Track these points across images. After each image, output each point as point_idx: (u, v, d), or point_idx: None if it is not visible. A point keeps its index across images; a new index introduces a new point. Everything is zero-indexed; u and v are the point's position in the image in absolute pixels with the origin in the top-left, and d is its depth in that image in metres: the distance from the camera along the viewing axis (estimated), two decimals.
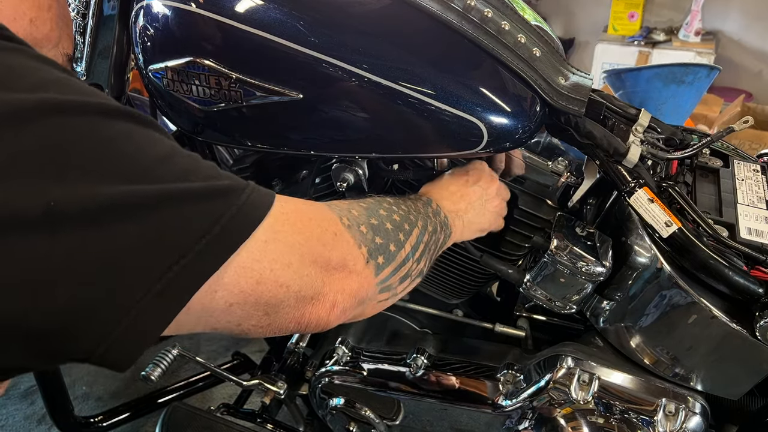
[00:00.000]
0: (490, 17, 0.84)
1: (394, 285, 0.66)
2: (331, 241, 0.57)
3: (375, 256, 0.61)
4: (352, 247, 0.59)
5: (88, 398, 1.76)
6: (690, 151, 0.97)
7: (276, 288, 0.50)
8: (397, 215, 0.68)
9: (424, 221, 0.73)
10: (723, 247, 0.86)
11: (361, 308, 0.61)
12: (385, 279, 0.63)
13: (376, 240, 0.62)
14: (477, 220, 0.90)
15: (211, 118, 0.87)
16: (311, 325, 0.55)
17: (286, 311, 0.52)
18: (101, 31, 1.05)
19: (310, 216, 0.57)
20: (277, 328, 0.53)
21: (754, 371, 0.89)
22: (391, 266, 0.64)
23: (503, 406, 1.06)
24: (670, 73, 2.42)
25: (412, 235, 0.69)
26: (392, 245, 0.64)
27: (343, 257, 0.57)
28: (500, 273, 1.02)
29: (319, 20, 0.80)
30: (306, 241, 0.54)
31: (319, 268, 0.54)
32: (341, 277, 0.56)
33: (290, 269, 0.51)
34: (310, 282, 0.53)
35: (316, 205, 0.60)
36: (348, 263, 0.57)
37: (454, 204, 0.86)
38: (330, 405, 1.19)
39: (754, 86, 3.49)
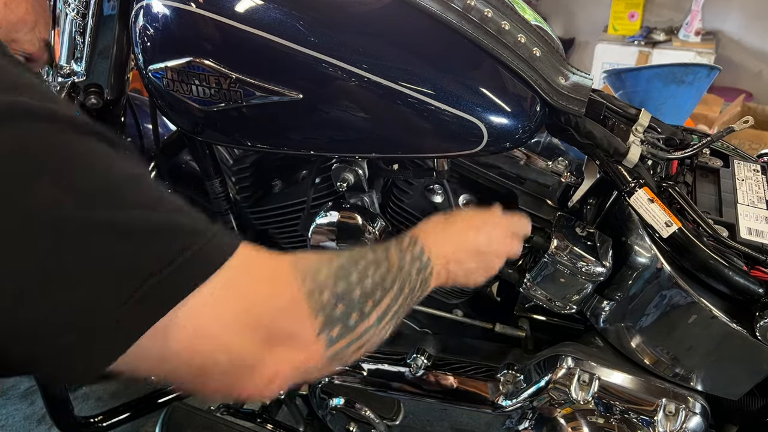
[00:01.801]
0: (490, 17, 0.84)
1: (346, 356, 0.59)
2: (284, 308, 0.52)
3: (330, 327, 0.55)
4: (306, 317, 0.53)
5: (88, 398, 1.76)
6: (690, 151, 0.97)
7: (212, 349, 0.46)
8: (371, 279, 0.61)
9: (402, 283, 0.65)
10: (723, 247, 0.86)
11: (304, 378, 0.56)
12: (337, 351, 0.57)
13: (336, 309, 0.55)
14: (463, 276, 0.80)
15: (211, 118, 0.87)
16: (244, 395, 0.50)
17: (219, 377, 0.48)
18: (101, 30, 1.05)
19: (269, 275, 0.53)
20: (209, 390, 0.49)
21: (754, 371, 0.89)
22: (346, 339, 0.57)
23: (503, 406, 1.06)
24: (670, 73, 2.42)
25: (383, 302, 0.62)
26: (354, 315, 0.58)
27: (293, 329, 0.52)
28: (500, 273, 1.02)
29: (319, 20, 0.80)
30: (256, 305, 0.49)
31: (264, 337, 0.49)
32: (286, 350, 0.51)
33: (232, 332, 0.47)
34: (251, 350, 0.49)
35: (279, 262, 0.55)
36: (297, 335, 0.52)
37: (450, 253, 0.76)
38: (330, 405, 1.19)
39: (754, 86, 3.49)
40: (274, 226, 1.18)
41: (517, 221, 0.87)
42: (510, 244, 0.84)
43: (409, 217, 1.07)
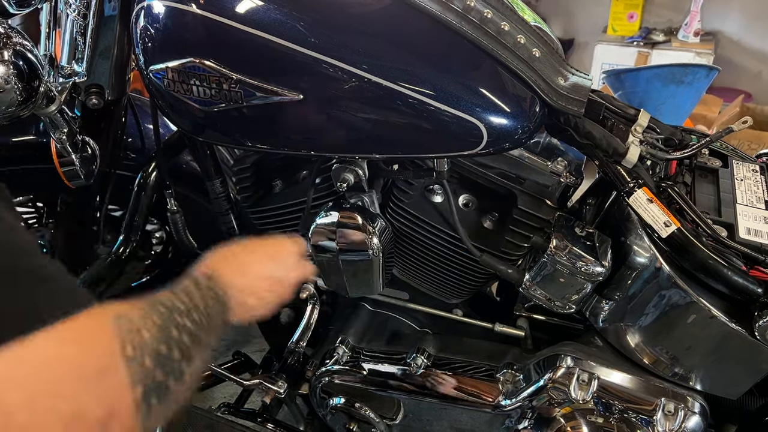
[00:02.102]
0: (489, 18, 0.84)
1: (160, 419, 0.54)
2: (101, 380, 0.47)
3: (149, 398, 0.50)
4: (125, 389, 0.48)
5: None
6: (689, 152, 0.97)
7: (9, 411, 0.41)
8: (188, 335, 0.57)
9: (210, 336, 0.62)
10: (722, 247, 0.86)
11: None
12: (153, 420, 0.52)
13: (156, 376, 0.51)
14: (260, 307, 0.76)
15: (211, 119, 0.87)
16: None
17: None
18: (102, 31, 1.05)
19: (89, 337, 0.48)
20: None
21: (753, 371, 0.89)
22: (162, 407, 0.53)
23: (503, 405, 1.06)
24: (669, 73, 2.42)
25: (196, 362, 0.58)
26: (172, 382, 0.54)
27: (110, 407, 0.47)
28: (500, 273, 1.03)
29: (319, 21, 0.80)
30: (71, 380, 0.45)
31: (71, 415, 0.44)
32: (98, 429, 0.46)
33: (37, 410, 0.42)
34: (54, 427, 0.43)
35: (99, 322, 0.50)
36: (114, 412, 0.47)
37: (247, 285, 0.73)
38: (330, 404, 1.19)
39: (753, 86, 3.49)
40: (275, 226, 1.19)
41: (302, 243, 0.83)
42: (303, 269, 0.81)
43: (409, 217, 1.07)
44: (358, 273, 1.05)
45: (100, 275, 1.17)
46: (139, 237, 1.22)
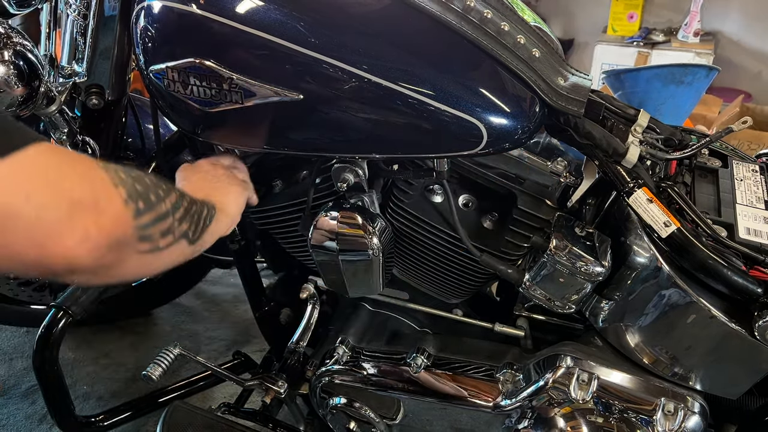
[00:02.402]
0: (489, 18, 0.84)
1: (155, 237, 0.63)
2: (85, 177, 0.55)
3: (135, 198, 0.59)
4: (108, 185, 0.57)
5: (89, 398, 1.77)
6: (689, 152, 0.97)
7: (14, 210, 0.48)
8: (152, 178, 0.66)
9: (178, 191, 0.72)
10: (722, 247, 0.86)
11: (118, 254, 0.58)
12: (145, 225, 0.61)
13: (135, 186, 0.60)
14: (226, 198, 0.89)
15: (211, 119, 0.87)
16: (57, 255, 0.52)
17: (24, 234, 0.49)
18: (102, 31, 1.05)
19: (68, 157, 0.56)
20: (15, 252, 0.50)
21: (753, 371, 0.90)
22: (151, 213, 0.62)
23: (503, 405, 1.06)
24: (669, 73, 2.42)
25: (171, 196, 0.68)
26: (152, 195, 0.63)
27: (95, 193, 0.55)
28: (500, 273, 1.03)
29: (319, 21, 0.80)
30: (57, 176, 0.52)
31: (68, 202, 0.52)
32: (92, 213, 0.54)
33: (32, 202, 0.49)
34: (54, 213, 0.51)
35: (78, 154, 0.60)
36: (100, 200, 0.55)
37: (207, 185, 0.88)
38: (330, 404, 1.19)
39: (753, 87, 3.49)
40: (275, 226, 1.19)
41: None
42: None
43: (409, 217, 1.07)
44: (358, 273, 1.06)
45: None
46: None
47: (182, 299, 2.12)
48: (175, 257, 0.70)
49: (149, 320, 2.07)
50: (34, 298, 1.78)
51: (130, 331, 2.02)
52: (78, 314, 1.13)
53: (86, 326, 1.98)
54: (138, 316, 2.07)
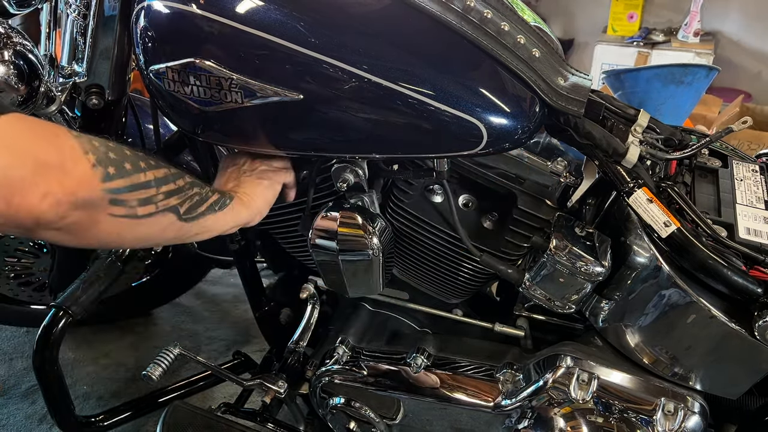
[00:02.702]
0: (489, 18, 0.84)
1: (130, 203, 0.66)
2: (51, 140, 0.59)
3: (105, 164, 0.62)
4: (77, 150, 0.60)
5: (89, 398, 1.77)
6: (689, 152, 0.97)
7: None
8: (138, 153, 0.70)
9: (174, 170, 0.74)
10: (722, 247, 0.86)
11: (87, 213, 0.62)
12: (116, 190, 0.64)
13: (109, 154, 0.63)
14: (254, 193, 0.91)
15: (211, 119, 0.87)
16: (21, 210, 0.56)
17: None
18: (102, 31, 1.05)
19: (38, 124, 0.59)
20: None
21: (753, 371, 0.90)
22: (124, 180, 0.65)
23: (503, 405, 1.06)
24: (669, 73, 2.42)
25: (159, 170, 0.70)
26: (128, 164, 0.66)
27: (62, 157, 0.58)
28: (500, 273, 1.03)
29: (320, 21, 0.80)
30: (23, 140, 0.56)
31: (33, 163, 0.56)
32: (58, 173, 0.58)
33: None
34: (19, 172, 0.55)
35: (51, 124, 0.62)
36: (66, 162, 0.59)
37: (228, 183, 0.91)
38: (330, 404, 1.19)
39: (753, 87, 3.49)
40: (275, 226, 1.19)
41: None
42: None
43: (409, 217, 1.07)
44: (358, 273, 1.06)
45: (100, 275, 1.17)
46: None
47: (182, 299, 2.12)
48: (161, 229, 0.73)
49: (149, 320, 2.08)
50: (34, 298, 1.78)
51: (130, 331, 2.02)
52: (78, 314, 1.13)
53: (86, 326, 1.98)
54: (138, 316, 2.07)
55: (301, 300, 1.27)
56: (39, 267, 1.71)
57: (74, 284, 1.15)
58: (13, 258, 1.69)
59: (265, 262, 1.49)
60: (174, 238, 0.77)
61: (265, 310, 1.42)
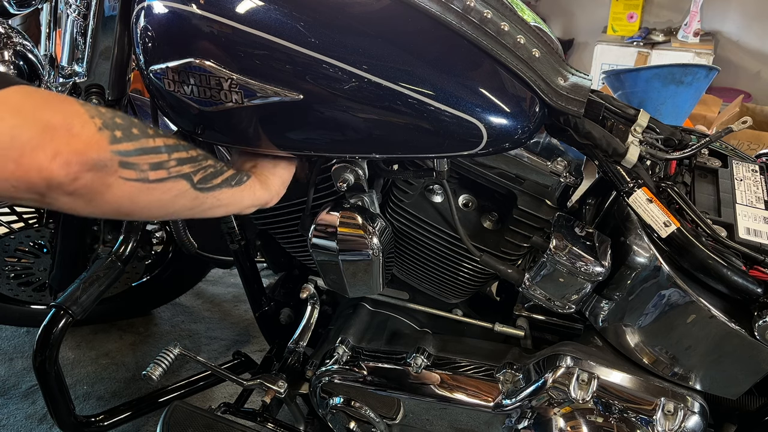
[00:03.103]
0: (489, 18, 0.85)
1: (141, 167, 0.67)
2: (57, 105, 0.60)
3: (111, 128, 0.64)
4: (83, 115, 0.62)
5: (89, 397, 1.77)
6: (689, 152, 0.97)
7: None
8: (146, 123, 0.71)
9: (185, 142, 0.76)
10: (722, 247, 0.86)
11: (98, 176, 0.63)
12: (125, 152, 0.65)
13: (115, 119, 0.65)
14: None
15: (211, 119, 0.87)
16: (32, 169, 0.57)
17: (2, 148, 0.55)
18: (102, 31, 1.05)
19: (45, 93, 0.61)
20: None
21: (752, 371, 0.90)
22: (133, 143, 0.66)
23: (503, 405, 1.06)
24: (669, 73, 2.42)
25: (170, 138, 0.72)
26: (135, 129, 0.67)
27: (68, 120, 0.60)
28: (500, 273, 1.03)
29: (319, 21, 0.80)
30: (31, 105, 0.58)
31: (41, 126, 0.58)
32: (65, 135, 0.59)
33: (7, 123, 0.55)
34: (28, 134, 0.57)
35: (53, 92, 0.64)
36: (74, 126, 0.60)
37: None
38: (330, 404, 1.19)
39: (752, 87, 3.49)
40: (275, 226, 1.19)
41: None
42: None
43: (409, 217, 1.07)
44: (358, 273, 1.06)
45: (100, 275, 1.17)
46: (139, 237, 1.22)
47: (182, 299, 2.12)
48: (174, 196, 0.73)
49: (149, 320, 2.08)
50: (34, 298, 1.78)
51: (130, 331, 2.02)
52: (78, 314, 1.14)
53: (86, 326, 1.98)
54: (138, 316, 2.07)
55: (301, 300, 1.27)
56: (39, 267, 1.71)
57: (74, 284, 1.15)
58: (13, 258, 1.69)
59: (265, 262, 1.49)
60: (190, 209, 0.77)
61: (265, 310, 1.42)
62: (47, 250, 1.69)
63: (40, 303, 1.80)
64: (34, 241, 1.67)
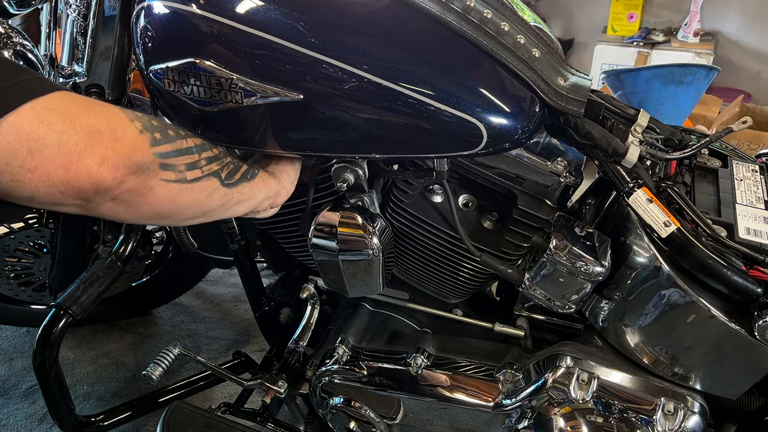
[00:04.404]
0: (489, 18, 0.85)
1: (179, 167, 0.70)
2: (100, 109, 0.62)
3: (150, 131, 0.66)
4: (123, 119, 0.64)
5: (90, 397, 1.77)
6: (689, 152, 0.97)
7: (38, 125, 0.56)
8: (176, 125, 0.75)
9: (207, 141, 0.79)
10: (722, 247, 0.86)
11: (142, 178, 0.65)
12: (164, 154, 0.68)
13: (152, 122, 0.68)
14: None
15: (211, 119, 0.87)
16: (81, 174, 0.59)
17: (51, 154, 0.57)
18: (102, 31, 1.05)
19: (86, 100, 0.63)
20: (44, 174, 0.57)
21: (752, 371, 0.90)
22: (171, 145, 0.69)
23: (503, 405, 1.06)
24: (669, 73, 2.42)
25: (196, 138, 0.76)
26: (171, 131, 0.70)
27: (111, 124, 0.62)
28: (500, 273, 1.03)
29: (320, 21, 0.80)
30: (76, 112, 0.60)
31: (87, 131, 0.59)
32: (110, 140, 0.61)
33: (55, 130, 0.57)
34: (75, 139, 0.58)
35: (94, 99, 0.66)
36: (117, 130, 0.62)
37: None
38: (330, 404, 1.19)
39: (752, 87, 3.49)
40: (274, 226, 1.19)
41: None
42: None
43: (409, 217, 1.07)
44: (358, 273, 1.06)
45: (100, 275, 1.17)
46: (139, 237, 1.22)
47: (182, 299, 2.12)
48: (208, 195, 0.76)
49: (149, 320, 2.08)
50: (34, 298, 1.78)
51: (130, 331, 2.02)
52: (78, 314, 1.14)
53: (86, 326, 1.98)
54: (138, 316, 2.07)
55: (301, 300, 1.27)
56: (39, 267, 1.71)
57: (74, 284, 1.15)
58: (13, 258, 1.69)
59: (265, 262, 1.49)
60: (221, 206, 0.80)
61: (265, 310, 1.42)
62: (47, 250, 1.69)
63: (40, 303, 1.80)
64: (34, 241, 1.67)
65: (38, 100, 0.57)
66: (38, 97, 0.57)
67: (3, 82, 0.57)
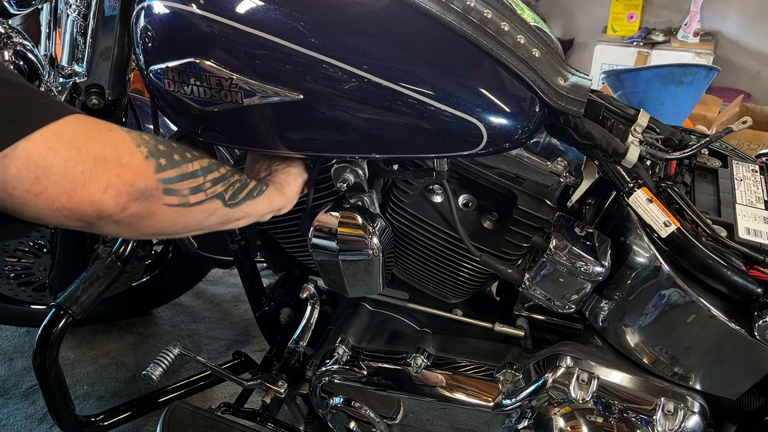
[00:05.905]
0: (489, 18, 0.85)
1: (183, 192, 0.71)
2: (107, 135, 0.63)
3: (156, 156, 0.67)
4: (130, 145, 0.65)
5: (90, 397, 1.77)
6: (689, 152, 0.97)
7: (46, 152, 0.57)
8: (183, 145, 0.75)
9: (214, 161, 0.79)
10: (722, 246, 0.86)
11: (145, 204, 0.65)
12: (168, 180, 0.68)
13: (158, 146, 0.68)
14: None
15: (211, 118, 0.87)
16: (85, 201, 0.60)
17: (57, 180, 0.58)
18: (102, 31, 1.05)
19: (95, 124, 0.63)
20: (49, 199, 0.58)
21: (752, 371, 0.90)
22: (176, 170, 0.69)
23: (503, 405, 1.06)
24: (669, 73, 2.42)
25: (203, 159, 0.75)
26: (176, 155, 0.70)
27: (117, 151, 0.63)
28: (500, 273, 1.03)
29: (320, 21, 0.80)
30: (84, 138, 0.60)
31: (93, 158, 0.60)
32: (115, 167, 0.62)
33: (62, 157, 0.58)
34: (81, 166, 0.59)
35: (106, 123, 0.66)
36: (122, 156, 0.63)
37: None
38: (330, 404, 1.19)
39: (752, 87, 3.49)
40: (274, 226, 1.19)
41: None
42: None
43: (409, 217, 1.07)
44: (358, 273, 1.06)
45: (100, 275, 1.17)
46: None
47: (182, 299, 2.12)
48: (209, 215, 0.77)
49: (149, 320, 2.08)
50: (34, 298, 1.78)
51: (130, 331, 2.02)
52: (78, 314, 1.14)
53: (86, 326, 1.98)
54: (138, 316, 2.07)
55: (301, 300, 1.27)
56: (39, 267, 1.71)
57: (74, 284, 1.15)
58: (13, 258, 1.69)
59: (265, 262, 1.49)
60: (220, 224, 0.80)
61: (265, 310, 1.42)
62: (47, 250, 1.68)
63: (40, 303, 1.80)
64: (34, 241, 1.67)
65: (49, 127, 0.58)
66: (49, 124, 0.58)
67: (25, 105, 0.57)
